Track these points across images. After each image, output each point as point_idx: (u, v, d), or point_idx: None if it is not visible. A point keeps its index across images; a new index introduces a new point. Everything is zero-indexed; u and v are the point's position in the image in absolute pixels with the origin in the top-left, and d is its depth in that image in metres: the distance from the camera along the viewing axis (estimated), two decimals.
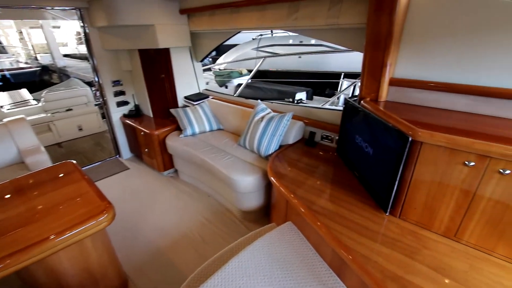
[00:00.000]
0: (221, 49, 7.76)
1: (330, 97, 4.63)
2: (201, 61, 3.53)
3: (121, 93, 3.55)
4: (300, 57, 6.59)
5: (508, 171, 1.08)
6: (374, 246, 1.30)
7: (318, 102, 4.69)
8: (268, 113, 2.49)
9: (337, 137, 2.24)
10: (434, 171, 1.28)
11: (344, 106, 2.00)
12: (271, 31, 7.32)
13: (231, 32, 2.89)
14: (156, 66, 3.27)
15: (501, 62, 1.34)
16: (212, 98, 3.42)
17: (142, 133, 3.22)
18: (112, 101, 3.51)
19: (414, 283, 1.12)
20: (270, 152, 2.33)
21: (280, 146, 2.39)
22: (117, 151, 3.87)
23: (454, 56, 1.47)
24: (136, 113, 3.57)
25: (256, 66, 3.71)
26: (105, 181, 3.30)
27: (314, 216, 1.51)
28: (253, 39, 7.72)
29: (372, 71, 1.72)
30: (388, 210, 1.49)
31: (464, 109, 1.51)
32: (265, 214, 2.49)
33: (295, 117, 2.50)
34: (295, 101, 3.59)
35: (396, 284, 1.12)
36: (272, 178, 1.91)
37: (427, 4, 1.49)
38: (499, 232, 1.19)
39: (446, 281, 1.12)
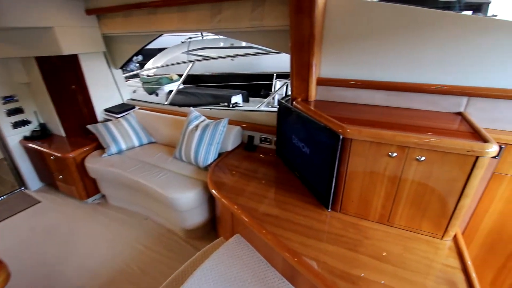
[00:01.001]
0: (148, 54, 7.18)
1: (265, 97, 4.73)
2: (122, 67, 3.14)
3: (18, 111, 2.88)
4: (233, 59, 6.58)
5: (423, 158, 1.20)
6: (321, 245, 1.31)
7: (255, 103, 4.74)
8: (202, 121, 2.34)
9: (275, 139, 2.24)
10: (365, 164, 1.35)
11: (278, 107, 2.00)
12: (201, 34, 7.12)
13: (152, 35, 2.62)
14: (63, 76, 2.76)
15: (407, 60, 1.52)
16: (139, 109, 3.06)
17: (52, 157, 2.67)
18: (5, 122, 2.81)
19: (360, 276, 1.15)
20: (209, 162, 2.18)
21: (220, 154, 2.27)
22: (21, 182, 3.14)
23: (368, 55, 1.60)
24: (42, 134, 2.95)
25: (186, 70, 3.50)
26: (6, 223, 2.62)
27: (260, 225, 1.44)
28: (182, 42, 7.37)
29: (300, 72, 1.75)
30: (330, 206, 1.53)
31: (381, 103, 1.66)
32: (212, 228, 2.34)
33: (232, 122, 2.42)
34: (231, 105, 3.53)
35: (345, 281, 1.13)
36: (213, 190, 1.78)
37: (340, 9, 1.58)
38: (422, 211, 1.32)
39: (386, 267, 1.19)
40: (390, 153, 1.26)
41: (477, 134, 1.21)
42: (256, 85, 5.99)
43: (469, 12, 5.24)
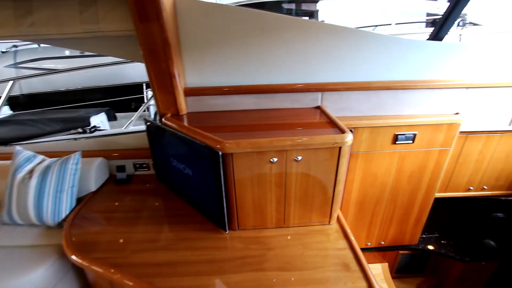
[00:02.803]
0: None
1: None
2: None
3: None
4: (87, 72, 5.40)
5: (300, 157, 1.23)
6: (226, 279, 1.15)
7: (127, 119, 4.03)
8: (39, 162, 1.69)
9: (153, 162, 1.90)
10: (251, 175, 1.27)
11: (146, 127, 1.67)
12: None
13: None
14: None
15: (268, 62, 1.54)
16: None
17: None
18: None
19: None
20: (63, 216, 1.60)
21: (79, 200, 1.71)
22: None
23: (233, 60, 1.54)
24: None
25: (5, 92, 2.52)
26: None
27: (151, 285, 1.13)
28: (2, 52, 5.43)
29: (162, 83, 1.50)
30: (227, 227, 1.39)
31: (254, 106, 1.65)
32: None
33: (89, 154, 1.87)
34: (89, 130, 2.79)
35: None
36: (74, 257, 1.29)
37: (191, 12, 1.42)
38: (309, 205, 1.39)
39: (292, 274, 1.16)
40: (271, 159, 1.22)
41: (334, 125, 1.35)
42: (125, 99, 5.16)
43: (306, 18, 6.34)
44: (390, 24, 5.36)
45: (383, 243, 2.22)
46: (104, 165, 1.91)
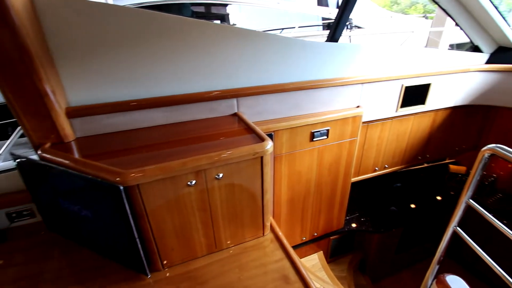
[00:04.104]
0: None
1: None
2: None
3: None
4: None
5: (221, 174, 1.10)
6: None
7: None
8: None
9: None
10: (166, 204, 1.08)
11: (17, 166, 1.25)
12: None
13: None
14: None
15: (178, 70, 1.36)
16: None
17: None
18: None
19: None
20: None
21: None
22: None
23: (132, 70, 1.29)
24: None
25: None
26: None
27: None
28: None
29: (28, 105, 1.13)
30: (148, 270, 1.15)
31: (163, 121, 1.44)
32: None
33: None
34: None
35: None
36: None
37: (61, 13, 1.11)
38: (240, 222, 1.28)
39: None
40: (188, 182, 1.06)
41: (253, 132, 1.28)
42: None
43: (218, 22, 6.25)
44: (294, 27, 5.82)
45: (315, 234, 2.34)
46: None
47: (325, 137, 1.85)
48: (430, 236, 2.94)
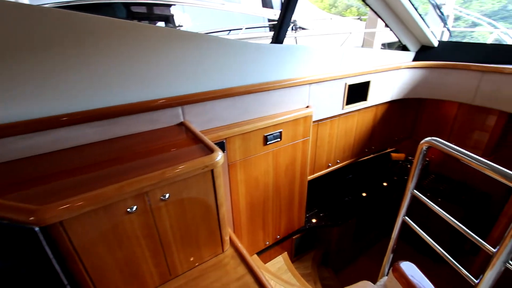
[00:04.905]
0: None
1: None
2: None
3: None
4: None
5: (167, 195, 0.98)
6: None
7: None
8: None
9: None
10: (103, 238, 0.91)
11: None
12: None
13: None
14: None
15: (110, 78, 1.17)
16: None
17: None
18: None
19: None
20: None
21: None
22: None
23: (42, 80, 1.07)
24: None
25: None
26: None
27: None
28: None
29: None
30: None
31: (97, 138, 1.24)
32: None
33: None
34: None
35: None
36: None
37: None
38: (195, 242, 1.17)
39: None
40: (128, 209, 0.91)
41: (201, 142, 1.18)
42: None
43: (162, 23, 5.85)
44: (242, 29, 5.80)
45: (278, 236, 2.32)
46: None
47: (279, 139, 1.83)
48: (381, 221, 3.18)
